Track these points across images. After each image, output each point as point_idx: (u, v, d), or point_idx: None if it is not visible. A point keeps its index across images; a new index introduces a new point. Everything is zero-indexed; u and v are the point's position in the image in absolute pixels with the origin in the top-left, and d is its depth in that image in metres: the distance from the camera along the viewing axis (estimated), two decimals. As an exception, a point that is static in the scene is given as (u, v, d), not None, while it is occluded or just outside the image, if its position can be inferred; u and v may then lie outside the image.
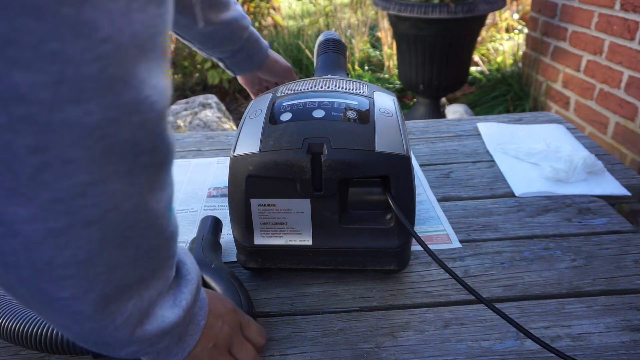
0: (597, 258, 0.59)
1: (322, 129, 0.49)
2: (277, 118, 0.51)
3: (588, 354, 0.46)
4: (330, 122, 0.50)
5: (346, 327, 0.50)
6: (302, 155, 0.48)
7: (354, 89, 0.56)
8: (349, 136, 0.48)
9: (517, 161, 0.81)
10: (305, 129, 0.49)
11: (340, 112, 0.51)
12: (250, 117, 0.53)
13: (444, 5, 1.90)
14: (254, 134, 0.50)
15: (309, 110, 0.51)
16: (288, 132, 0.49)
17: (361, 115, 0.51)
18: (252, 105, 0.56)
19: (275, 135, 0.49)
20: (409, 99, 2.55)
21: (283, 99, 0.54)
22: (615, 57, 1.61)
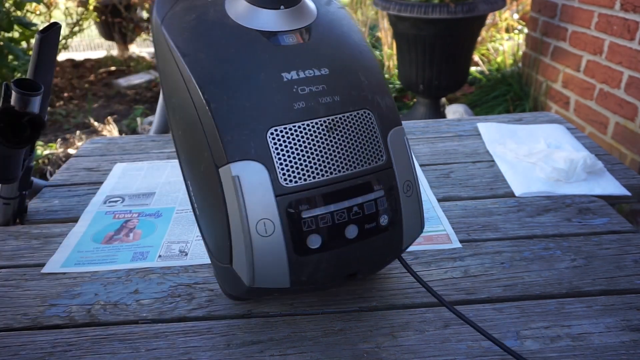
0: (597, 258, 0.59)
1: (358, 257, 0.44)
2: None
3: (588, 354, 0.46)
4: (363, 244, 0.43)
5: (346, 327, 0.50)
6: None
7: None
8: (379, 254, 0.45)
9: (517, 161, 0.81)
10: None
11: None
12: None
13: (444, 5, 1.90)
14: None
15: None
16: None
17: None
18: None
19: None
20: (409, 99, 2.55)
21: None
22: (615, 57, 1.61)
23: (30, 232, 0.68)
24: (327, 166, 0.41)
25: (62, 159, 2.06)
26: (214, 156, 0.42)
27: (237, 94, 0.42)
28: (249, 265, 0.42)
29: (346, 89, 0.44)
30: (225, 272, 0.46)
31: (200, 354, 0.47)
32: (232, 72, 0.43)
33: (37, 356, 0.48)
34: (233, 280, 0.45)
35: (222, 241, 0.44)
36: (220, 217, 0.43)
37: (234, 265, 0.43)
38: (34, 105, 0.60)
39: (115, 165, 0.86)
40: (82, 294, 0.56)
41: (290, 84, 0.42)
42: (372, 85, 0.46)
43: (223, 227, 0.43)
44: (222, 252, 0.45)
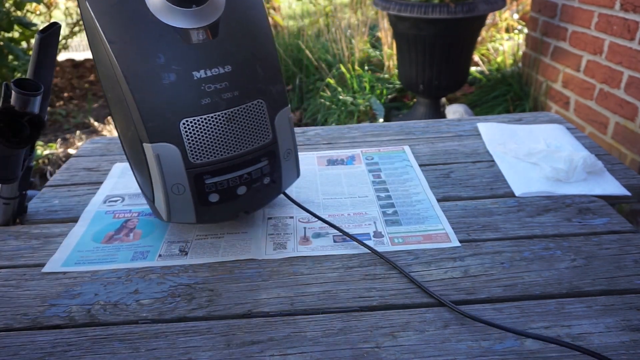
0: (597, 258, 0.59)
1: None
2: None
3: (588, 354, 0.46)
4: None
5: (346, 327, 0.50)
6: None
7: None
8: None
9: (517, 161, 0.81)
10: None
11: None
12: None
13: (444, 5, 1.90)
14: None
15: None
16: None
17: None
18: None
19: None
20: (409, 99, 2.55)
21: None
22: (615, 57, 1.61)
23: (30, 232, 0.68)
24: (225, 147, 0.55)
25: (62, 159, 2.06)
26: (138, 134, 0.54)
27: (157, 89, 0.52)
28: (167, 210, 0.58)
29: (244, 84, 0.55)
30: (149, 203, 0.61)
31: (200, 354, 0.47)
32: (153, 69, 0.52)
33: (37, 356, 0.48)
34: (154, 210, 0.60)
35: (147, 186, 0.58)
36: (145, 173, 0.57)
37: (156, 204, 0.59)
38: (34, 105, 0.60)
39: (115, 165, 0.86)
40: (82, 293, 0.56)
41: (199, 82, 0.53)
42: (267, 76, 0.57)
43: (147, 180, 0.57)
44: (147, 192, 0.59)
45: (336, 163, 0.84)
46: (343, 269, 0.58)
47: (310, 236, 0.64)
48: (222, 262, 0.60)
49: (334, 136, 0.95)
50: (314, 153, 0.88)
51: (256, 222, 0.68)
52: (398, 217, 0.68)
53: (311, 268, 0.59)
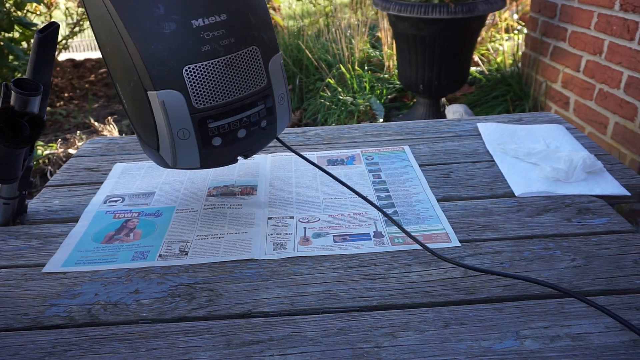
0: (596, 258, 0.59)
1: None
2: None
3: (588, 354, 0.46)
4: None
5: (346, 327, 0.50)
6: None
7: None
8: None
9: (517, 161, 0.81)
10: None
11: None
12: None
13: (444, 5, 1.90)
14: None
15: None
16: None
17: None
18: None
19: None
20: (409, 99, 2.55)
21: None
22: (614, 57, 1.61)
23: (30, 232, 0.68)
24: (225, 92, 0.59)
25: (63, 159, 2.06)
26: (142, 82, 0.57)
27: (159, 38, 0.55)
28: (173, 156, 0.60)
29: (239, 31, 0.59)
30: (153, 153, 0.63)
31: (200, 354, 0.48)
32: (154, 19, 0.55)
33: (37, 356, 0.48)
34: (159, 159, 0.63)
35: (151, 136, 0.60)
36: (149, 122, 0.59)
37: (161, 152, 0.61)
38: (34, 105, 0.60)
39: (115, 165, 0.86)
40: (82, 293, 0.56)
41: (198, 30, 0.56)
42: (259, 23, 0.61)
43: (151, 129, 0.59)
44: (151, 141, 0.61)
45: (336, 163, 0.84)
46: (343, 269, 0.58)
47: (310, 236, 0.65)
48: (222, 262, 0.60)
49: (334, 136, 0.95)
50: (314, 153, 0.88)
51: (256, 222, 0.68)
52: (398, 217, 0.68)
53: (311, 268, 0.59)
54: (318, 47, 2.81)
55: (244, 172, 0.82)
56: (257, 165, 0.84)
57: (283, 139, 0.94)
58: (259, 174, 0.81)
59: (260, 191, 0.76)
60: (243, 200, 0.74)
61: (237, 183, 0.78)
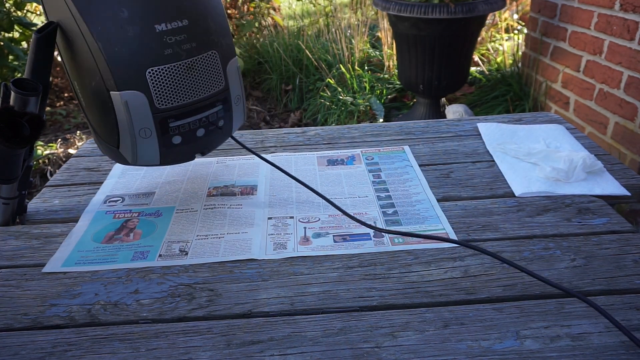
0: (596, 258, 0.59)
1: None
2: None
3: (588, 354, 0.46)
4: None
5: (346, 327, 0.50)
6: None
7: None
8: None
9: (517, 161, 0.81)
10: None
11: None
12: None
13: (444, 5, 1.90)
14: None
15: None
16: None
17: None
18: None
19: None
20: (409, 99, 2.55)
21: None
22: (614, 57, 1.61)
23: (30, 232, 0.68)
24: (186, 93, 0.61)
25: (63, 159, 2.06)
26: (105, 83, 0.59)
27: (123, 41, 0.57)
28: (133, 154, 0.62)
29: (200, 36, 0.61)
30: (112, 150, 0.65)
31: (200, 354, 0.48)
32: (120, 24, 0.57)
33: (37, 356, 0.48)
34: (118, 156, 0.65)
35: (111, 134, 0.62)
36: (110, 121, 0.61)
37: (121, 150, 0.63)
38: (33, 105, 0.60)
39: (115, 165, 0.86)
40: (83, 293, 0.56)
41: (161, 34, 0.58)
42: (218, 30, 0.64)
43: (112, 128, 0.61)
44: (110, 140, 0.63)
45: (336, 163, 0.84)
46: (343, 269, 0.58)
47: (310, 236, 0.65)
48: (222, 262, 0.60)
49: (334, 136, 0.95)
50: (314, 153, 0.88)
51: (256, 222, 0.68)
52: (398, 217, 0.68)
53: (311, 268, 0.59)
54: (318, 47, 2.81)
55: (244, 172, 0.82)
56: (257, 165, 0.84)
57: (283, 139, 0.94)
58: (259, 174, 0.81)
59: (260, 191, 0.76)
60: (243, 200, 0.74)
61: (237, 183, 0.78)
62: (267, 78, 2.82)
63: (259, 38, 3.07)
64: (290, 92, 2.70)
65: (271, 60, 2.82)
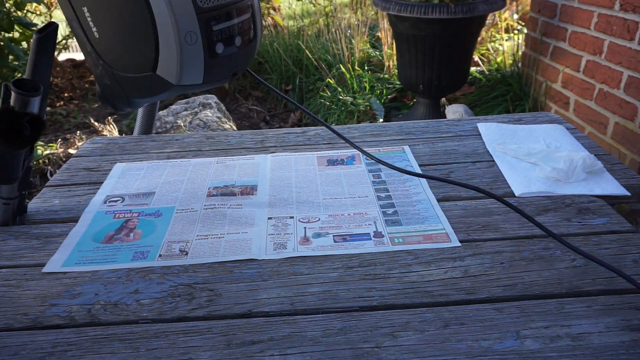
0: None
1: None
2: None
3: (588, 354, 0.46)
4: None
5: (346, 327, 0.50)
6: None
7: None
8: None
9: (517, 161, 0.81)
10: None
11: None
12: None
13: (444, 5, 1.90)
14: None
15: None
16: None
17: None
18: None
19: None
20: (409, 99, 2.55)
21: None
22: (614, 57, 1.61)
23: (30, 232, 0.68)
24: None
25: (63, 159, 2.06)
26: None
27: None
28: (179, 69, 0.56)
29: None
30: (145, 79, 0.58)
31: (200, 354, 0.48)
32: None
33: (37, 356, 0.48)
34: (150, 85, 0.58)
35: (145, 53, 0.56)
36: (145, 34, 0.54)
37: (160, 70, 0.56)
38: (34, 106, 0.60)
39: (115, 165, 0.86)
40: (83, 293, 0.56)
41: None
42: None
43: (147, 41, 0.55)
44: (142, 64, 0.56)
45: (336, 163, 0.84)
46: (343, 269, 0.58)
47: (310, 236, 0.65)
48: (222, 262, 0.60)
49: (334, 136, 0.95)
50: (314, 153, 0.88)
51: (256, 222, 0.68)
52: (398, 217, 0.68)
53: (311, 268, 0.59)
54: (318, 47, 2.81)
55: (244, 172, 0.82)
56: (257, 165, 0.84)
57: (283, 139, 0.94)
58: (259, 174, 0.81)
59: (260, 191, 0.76)
60: (243, 200, 0.74)
61: (237, 183, 0.78)
62: (267, 78, 2.82)
63: (259, 38, 3.07)
64: (290, 92, 2.70)
65: (271, 60, 2.83)
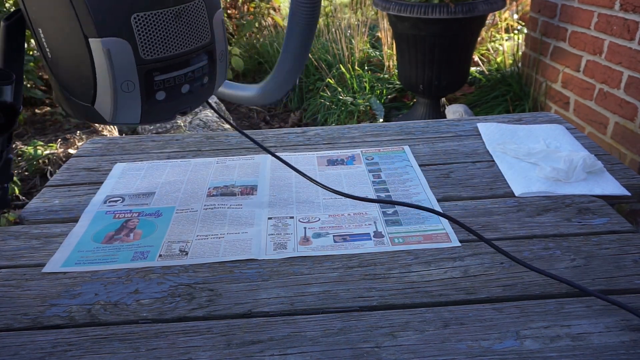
0: (596, 258, 0.59)
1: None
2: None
3: (588, 354, 0.46)
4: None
5: (346, 327, 0.50)
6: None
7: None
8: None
9: (516, 161, 0.81)
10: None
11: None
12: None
13: (444, 5, 1.90)
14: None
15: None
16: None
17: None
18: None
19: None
20: (409, 99, 2.55)
21: None
22: (614, 57, 1.61)
23: (30, 232, 0.68)
24: (173, 44, 0.56)
25: (63, 159, 2.06)
26: (83, 29, 0.52)
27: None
28: (112, 111, 0.56)
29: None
30: (84, 108, 0.58)
31: (200, 354, 0.48)
32: None
33: (37, 356, 0.48)
34: (91, 114, 0.58)
35: (86, 88, 0.56)
36: (86, 73, 0.55)
37: (97, 106, 0.57)
38: (6, 95, 0.59)
39: (115, 165, 0.86)
40: (82, 293, 0.56)
41: None
42: None
43: (88, 81, 0.55)
44: (84, 95, 0.57)
45: (336, 163, 0.84)
46: (343, 269, 0.58)
47: (310, 236, 0.65)
48: (222, 262, 0.60)
49: (334, 136, 0.95)
50: (314, 153, 0.88)
51: (256, 222, 0.68)
52: (398, 217, 0.68)
53: (311, 268, 0.59)
54: (318, 47, 2.81)
55: (244, 172, 0.82)
56: (257, 165, 0.84)
57: (283, 139, 0.94)
58: (259, 174, 0.81)
59: (260, 191, 0.76)
60: (243, 200, 0.74)
61: (237, 183, 0.78)
62: (267, 78, 2.82)
63: (259, 38, 3.07)
64: (290, 92, 2.70)
65: (271, 60, 2.82)
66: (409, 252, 0.61)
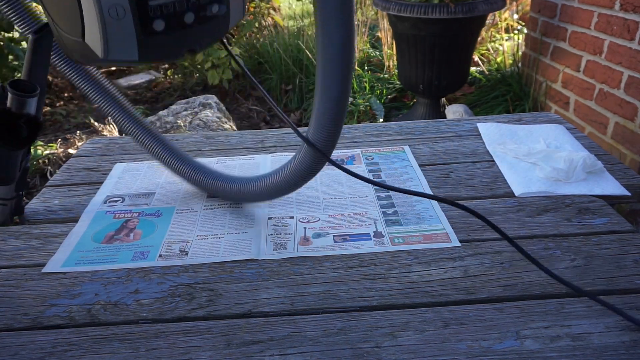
0: (596, 258, 0.59)
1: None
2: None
3: (588, 354, 0.46)
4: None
5: (346, 327, 0.50)
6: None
7: None
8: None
9: (516, 161, 0.81)
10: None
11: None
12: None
13: (444, 5, 1.90)
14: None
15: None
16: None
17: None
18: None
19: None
20: (409, 99, 2.55)
21: None
22: (614, 57, 1.61)
23: (30, 232, 0.68)
24: None
25: (63, 159, 2.06)
26: None
27: None
28: (103, 42, 0.47)
29: None
30: (77, 44, 0.49)
31: (200, 354, 0.48)
32: None
33: (37, 356, 0.48)
34: (85, 51, 0.49)
35: (73, 20, 0.47)
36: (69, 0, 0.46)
37: (87, 40, 0.47)
38: (31, 107, 0.60)
39: (115, 165, 0.86)
40: (82, 293, 0.56)
41: None
42: None
43: (73, 9, 0.46)
44: (73, 27, 0.48)
45: (336, 163, 0.84)
46: (343, 269, 0.58)
47: (310, 236, 0.65)
48: (222, 262, 0.60)
49: (334, 136, 0.95)
50: (314, 153, 0.88)
51: (256, 222, 0.68)
52: (398, 217, 0.68)
53: (311, 268, 0.59)
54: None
55: (244, 172, 0.82)
56: (257, 165, 0.84)
57: (283, 139, 0.94)
58: (259, 174, 0.81)
59: (260, 191, 0.76)
60: (243, 200, 0.74)
61: (237, 183, 0.78)
62: (267, 78, 2.82)
63: (259, 38, 3.07)
64: (290, 92, 2.70)
65: (271, 60, 2.82)
66: (409, 252, 0.61)
